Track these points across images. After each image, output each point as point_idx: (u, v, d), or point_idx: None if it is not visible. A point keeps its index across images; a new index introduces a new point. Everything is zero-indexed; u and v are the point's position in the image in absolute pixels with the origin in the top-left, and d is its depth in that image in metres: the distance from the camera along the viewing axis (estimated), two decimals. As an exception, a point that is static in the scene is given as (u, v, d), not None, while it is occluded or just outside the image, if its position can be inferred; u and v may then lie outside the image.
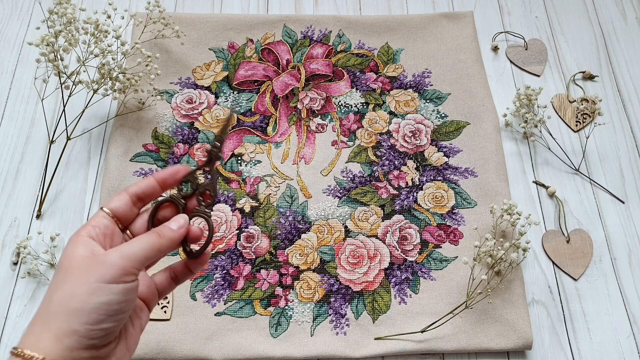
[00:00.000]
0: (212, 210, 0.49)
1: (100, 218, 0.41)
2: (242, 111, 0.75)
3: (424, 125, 0.75)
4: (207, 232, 0.46)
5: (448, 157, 0.73)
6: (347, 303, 0.63)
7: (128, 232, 0.44)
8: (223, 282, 0.64)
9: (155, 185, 0.44)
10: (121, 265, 0.38)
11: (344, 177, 0.71)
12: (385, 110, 0.76)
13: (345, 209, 0.69)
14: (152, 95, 0.75)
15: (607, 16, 0.88)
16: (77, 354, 0.37)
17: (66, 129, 0.70)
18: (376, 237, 0.67)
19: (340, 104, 0.77)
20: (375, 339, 0.61)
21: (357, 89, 0.78)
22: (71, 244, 0.40)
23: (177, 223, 0.43)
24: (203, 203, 0.46)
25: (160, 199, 0.45)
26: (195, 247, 0.46)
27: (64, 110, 0.70)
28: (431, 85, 0.79)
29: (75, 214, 0.68)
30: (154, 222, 0.45)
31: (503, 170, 0.72)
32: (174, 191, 0.46)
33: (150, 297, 0.44)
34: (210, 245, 0.51)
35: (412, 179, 0.71)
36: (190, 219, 0.44)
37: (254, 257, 0.65)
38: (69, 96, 0.69)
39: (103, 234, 0.41)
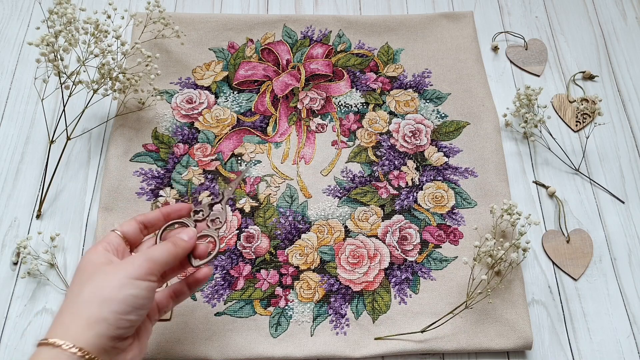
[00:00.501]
0: (219, 235, 0.54)
1: (113, 237, 0.48)
2: (242, 111, 0.75)
3: (424, 125, 0.75)
4: (212, 253, 0.51)
5: (448, 157, 0.73)
6: (347, 303, 0.63)
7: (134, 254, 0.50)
8: (223, 282, 0.64)
9: (161, 218, 0.52)
10: (146, 265, 0.45)
11: (344, 177, 0.71)
12: (385, 110, 0.76)
13: (345, 209, 0.69)
14: (152, 95, 0.75)
15: (607, 16, 0.88)
16: (104, 341, 0.41)
17: (66, 129, 0.70)
18: (376, 237, 0.67)
19: (340, 104, 0.77)
20: (375, 339, 0.61)
21: (357, 89, 0.78)
22: (90, 253, 0.46)
23: (187, 234, 0.50)
24: (211, 227, 0.53)
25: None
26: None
27: (64, 110, 0.70)
28: (431, 85, 0.79)
29: (75, 214, 0.68)
30: (161, 238, 0.51)
31: (503, 170, 0.72)
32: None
33: (152, 312, 0.50)
34: (211, 264, 0.56)
35: (412, 179, 0.71)
36: (199, 238, 0.51)
37: (254, 257, 0.65)
38: (69, 96, 0.69)
39: (116, 250, 0.48)
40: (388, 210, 0.69)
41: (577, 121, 0.78)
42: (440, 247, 0.67)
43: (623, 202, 0.72)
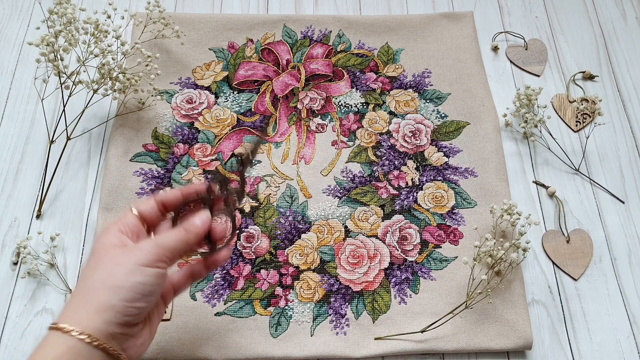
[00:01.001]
0: (234, 215, 0.52)
1: (130, 217, 0.46)
2: (242, 111, 0.75)
3: (424, 125, 0.75)
4: (230, 232, 0.50)
5: (448, 157, 0.73)
6: (347, 303, 0.63)
7: (152, 234, 0.49)
8: (223, 282, 0.64)
9: (180, 197, 0.50)
10: (155, 252, 0.44)
11: (344, 177, 0.71)
12: (385, 110, 0.76)
13: (345, 209, 0.69)
14: (152, 95, 0.75)
15: (607, 16, 0.88)
16: (112, 328, 0.41)
17: (66, 129, 0.70)
18: (376, 237, 0.67)
19: (340, 104, 0.77)
20: (375, 339, 0.61)
21: (357, 89, 0.78)
22: (104, 235, 0.45)
23: (201, 219, 0.48)
24: (230, 204, 0.51)
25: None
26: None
27: (64, 110, 0.70)
28: (431, 85, 0.79)
29: (75, 214, 0.68)
30: (178, 219, 0.49)
31: (503, 170, 0.72)
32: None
33: (166, 293, 0.49)
34: (231, 242, 0.53)
35: (412, 179, 0.71)
36: (215, 216, 0.49)
37: (254, 257, 0.65)
38: (69, 96, 0.69)
39: (131, 231, 0.46)
40: (388, 210, 0.69)
41: (577, 121, 0.78)
42: (440, 247, 0.67)
43: (623, 202, 0.72)
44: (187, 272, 0.50)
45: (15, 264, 0.64)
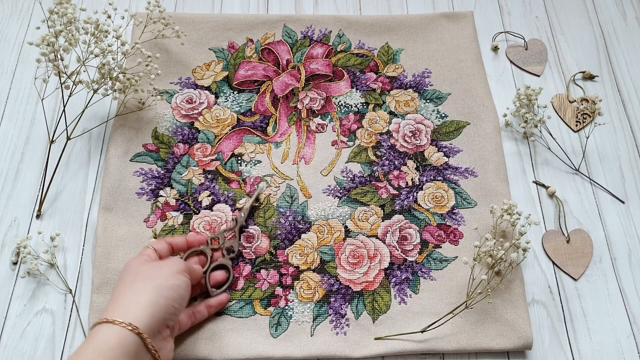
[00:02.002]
0: (235, 263, 0.64)
1: (150, 252, 0.56)
2: (242, 111, 0.75)
3: (424, 125, 0.75)
4: (228, 281, 0.62)
5: (448, 157, 0.73)
6: (347, 303, 0.63)
7: None
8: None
9: (185, 243, 0.61)
10: (183, 264, 0.55)
11: (344, 177, 0.71)
12: (385, 110, 0.76)
13: (345, 209, 0.69)
14: (152, 95, 0.75)
15: (607, 16, 0.88)
16: (155, 323, 0.49)
17: (66, 129, 0.70)
18: (376, 237, 0.67)
19: (340, 104, 0.77)
20: (375, 339, 0.61)
21: (357, 89, 0.78)
22: (133, 260, 0.55)
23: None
24: (227, 255, 0.63)
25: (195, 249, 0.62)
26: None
27: (64, 110, 0.70)
28: (431, 85, 0.79)
29: (75, 214, 0.68)
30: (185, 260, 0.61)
31: (503, 170, 0.72)
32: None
33: (175, 325, 0.55)
34: (227, 291, 0.63)
35: (412, 179, 0.71)
36: (215, 267, 0.62)
37: (254, 257, 0.65)
38: (69, 96, 0.69)
39: (152, 260, 0.56)
40: (388, 210, 0.69)
41: (577, 121, 0.78)
42: (440, 247, 0.67)
43: (623, 202, 0.72)
44: (190, 312, 0.58)
45: (15, 263, 0.64)
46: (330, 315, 0.62)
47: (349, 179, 0.71)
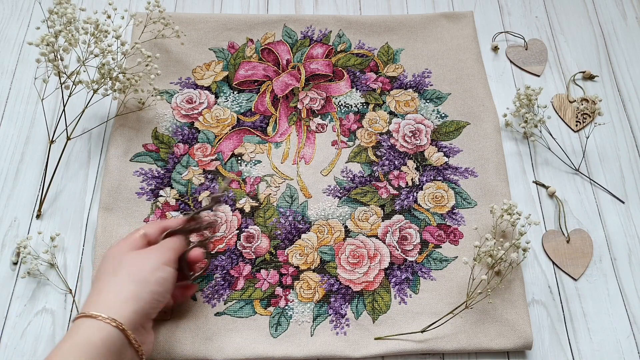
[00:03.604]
0: (210, 241, 0.63)
1: (137, 239, 0.54)
2: (242, 111, 0.75)
3: (424, 125, 0.75)
4: (203, 261, 0.60)
5: (448, 157, 0.73)
6: (347, 303, 0.63)
7: None
8: (223, 282, 0.64)
9: (169, 226, 0.58)
10: (170, 254, 0.53)
11: (344, 177, 0.71)
12: (385, 110, 0.76)
13: (345, 209, 0.69)
14: (152, 95, 0.75)
15: (607, 16, 0.88)
16: (137, 317, 0.48)
17: (66, 129, 0.70)
18: (376, 237, 0.67)
19: (340, 104, 0.77)
20: (375, 339, 0.61)
21: (357, 89, 0.78)
22: (115, 246, 0.53)
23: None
24: (206, 234, 0.60)
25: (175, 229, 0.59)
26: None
27: (64, 110, 0.70)
28: (431, 85, 0.79)
29: (75, 214, 0.68)
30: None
31: (503, 170, 0.72)
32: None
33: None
34: (206, 270, 0.62)
35: (412, 179, 0.71)
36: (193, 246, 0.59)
37: (254, 257, 0.65)
38: (69, 96, 0.69)
39: (136, 247, 0.54)
40: (388, 210, 0.69)
41: (577, 121, 0.78)
42: (440, 247, 0.67)
43: (623, 202, 0.72)
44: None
45: (15, 263, 0.64)
46: (330, 315, 0.62)
47: (349, 179, 0.71)
